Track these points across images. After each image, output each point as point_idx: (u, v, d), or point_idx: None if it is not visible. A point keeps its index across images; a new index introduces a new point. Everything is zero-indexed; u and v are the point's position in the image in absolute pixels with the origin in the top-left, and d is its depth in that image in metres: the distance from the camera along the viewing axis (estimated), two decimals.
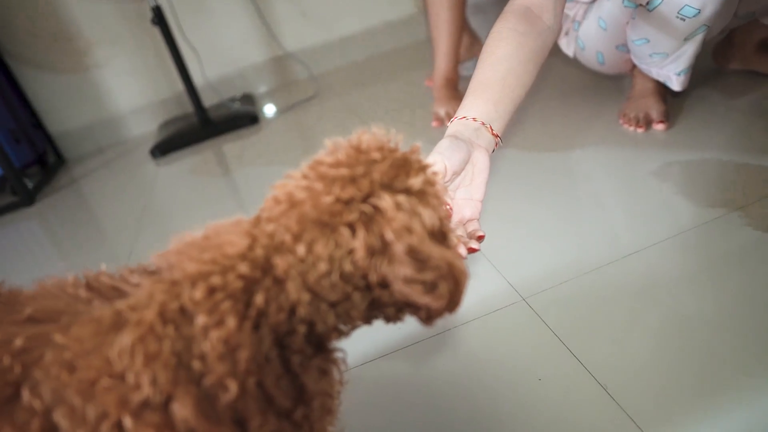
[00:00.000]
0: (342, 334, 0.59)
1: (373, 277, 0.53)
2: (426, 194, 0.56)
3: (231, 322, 0.48)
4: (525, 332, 1.02)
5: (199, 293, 0.49)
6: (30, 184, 2.44)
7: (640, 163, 1.41)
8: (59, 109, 2.82)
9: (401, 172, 0.55)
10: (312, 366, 0.55)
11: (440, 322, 1.08)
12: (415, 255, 0.52)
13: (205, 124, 2.57)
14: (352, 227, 0.52)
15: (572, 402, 0.87)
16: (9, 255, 1.99)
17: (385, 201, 0.52)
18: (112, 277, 0.59)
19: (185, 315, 0.49)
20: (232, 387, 0.48)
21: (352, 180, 0.53)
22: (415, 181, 0.55)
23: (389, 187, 0.54)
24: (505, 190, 1.49)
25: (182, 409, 0.46)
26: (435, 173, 0.59)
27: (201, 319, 0.48)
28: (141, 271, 0.58)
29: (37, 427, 0.47)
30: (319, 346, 0.57)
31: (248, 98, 2.83)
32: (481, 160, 0.84)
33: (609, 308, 1.02)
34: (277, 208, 0.55)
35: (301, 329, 0.52)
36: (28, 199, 2.36)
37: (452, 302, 0.56)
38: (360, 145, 0.57)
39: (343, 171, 0.54)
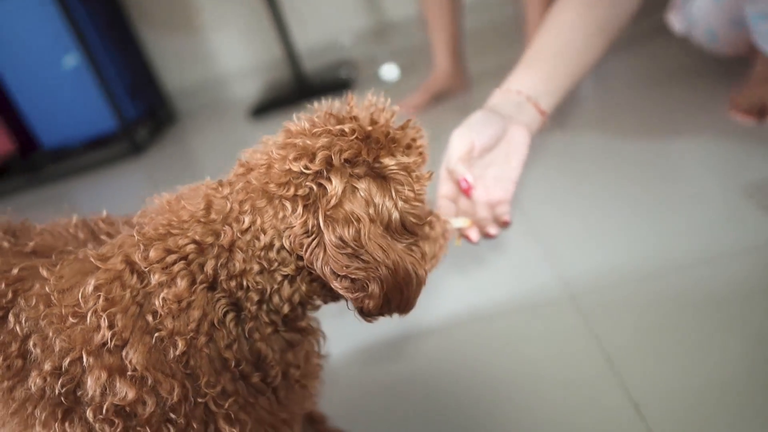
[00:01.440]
0: (312, 308, 0.57)
1: (308, 259, 0.50)
2: (394, 180, 0.51)
3: (182, 283, 0.49)
4: (564, 330, 0.94)
5: (154, 254, 0.50)
6: (140, 137, 2.64)
7: (744, 160, 1.23)
8: (172, 66, 3.01)
9: (372, 150, 0.51)
10: (274, 336, 0.54)
11: (476, 310, 1.03)
12: (347, 248, 0.48)
13: (302, 87, 2.63)
14: (295, 203, 0.50)
15: (596, 413, 0.79)
16: (116, 200, 2.18)
17: (333, 183, 0.48)
18: (110, 223, 0.61)
19: (144, 273, 0.50)
20: (180, 344, 0.48)
21: (310, 152, 0.50)
22: (387, 163, 0.50)
23: (351, 165, 0.50)
24: (575, 177, 1.37)
25: (134, 356, 0.48)
26: (422, 156, 0.54)
27: (155, 278, 0.49)
28: (131, 224, 0.60)
29: (15, 350, 0.50)
30: (286, 319, 0.55)
31: (346, 64, 2.85)
32: (518, 138, 0.75)
33: (663, 321, 0.90)
34: (237, 171, 0.53)
35: (254, 297, 0.51)
36: (137, 150, 2.56)
37: (391, 305, 0.52)
38: (339, 113, 0.54)
39: (305, 141, 0.50)
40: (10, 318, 0.51)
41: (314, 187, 0.49)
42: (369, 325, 0.57)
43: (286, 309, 0.53)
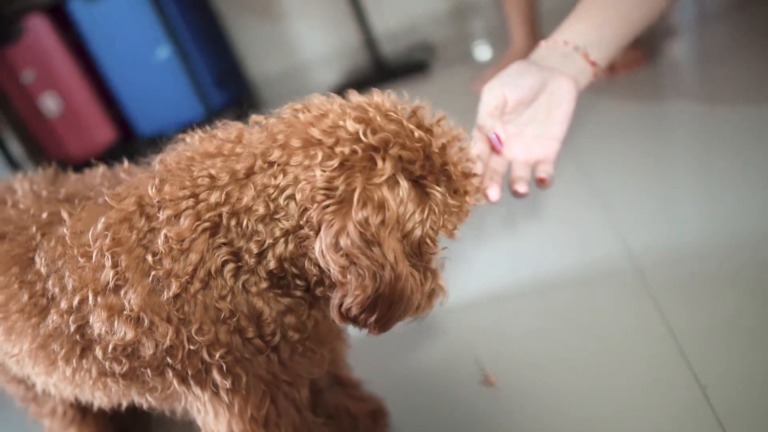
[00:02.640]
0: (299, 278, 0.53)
1: (315, 219, 0.46)
2: (432, 200, 0.48)
3: (185, 222, 0.49)
4: (629, 305, 0.87)
5: (168, 188, 0.50)
6: None
7: None
8: (256, 55, 3.11)
9: (426, 169, 0.49)
10: (271, 295, 0.53)
11: (536, 280, 0.96)
12: (366, 232, 0.44)
13: (381, 70, 2.64)
14: (331, 156, 0.47)
15: (660, 393, 0.72)
16: None
17: (384, 164, 0.46)
18: (131, 172, 0.63)
19: (154, 211, 0.51)
20: (174, 286, 0.49)
21: (374, 126, 0.47)
22: (432, 185, 0.48)
23: (402, 164, 0.48)
24: (655, 142, 1.25)
25: (133, 296, 0.49)
26: (461, 209, 0.52)
27: (163, 214, 0.50)
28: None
29: (40, 289, 0.53)
30: (276, 279, 0.53)
31: (423, 47, 2.81)
32: (562, 91, 0.68)
33: (738, 300, 0.80)
34: (289, 109, 0.53)
35: (253, 249, 0.50)
36: None
37: (373, 313, 0.47)
38: (422, 117, 0.51)
39: (377, 115, 0.48)
40: (36, 259, 0.53)
41: (360, 154, 0.46)
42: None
43: (272, 265, 0.51)
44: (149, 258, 0.49)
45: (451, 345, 0.93)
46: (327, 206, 0.46)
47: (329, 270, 0.47)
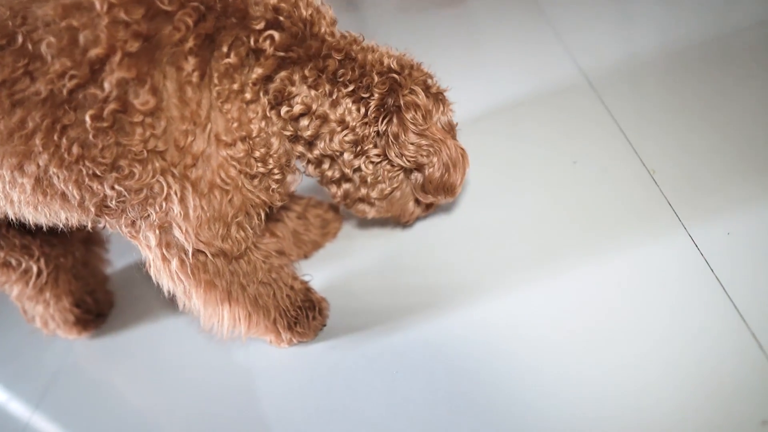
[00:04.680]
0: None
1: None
2: (440, 98, 0.67)
3: (268, 60, 0.58)
4: (586, 113, 0.92)
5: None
6: None
7: None
8: None
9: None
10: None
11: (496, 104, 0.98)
12: (417, 127, 0.63)
13: None
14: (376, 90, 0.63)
15: (611, 181, 0.79)
16: None
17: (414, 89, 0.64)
18: None
19: None
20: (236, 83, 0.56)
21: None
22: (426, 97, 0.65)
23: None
24: None
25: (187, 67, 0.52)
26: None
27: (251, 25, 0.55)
28: None
29: (22, 65, 0.51)
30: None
31: None
32: None
33: (683, 104, 0.86)
34: None
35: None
36: None
37: (444, 179, 0.67)
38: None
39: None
40: (19, 38, 0.51)
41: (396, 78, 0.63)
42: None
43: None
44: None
45: None
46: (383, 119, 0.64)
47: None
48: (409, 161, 0.64)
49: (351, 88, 0.61)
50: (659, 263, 0.67)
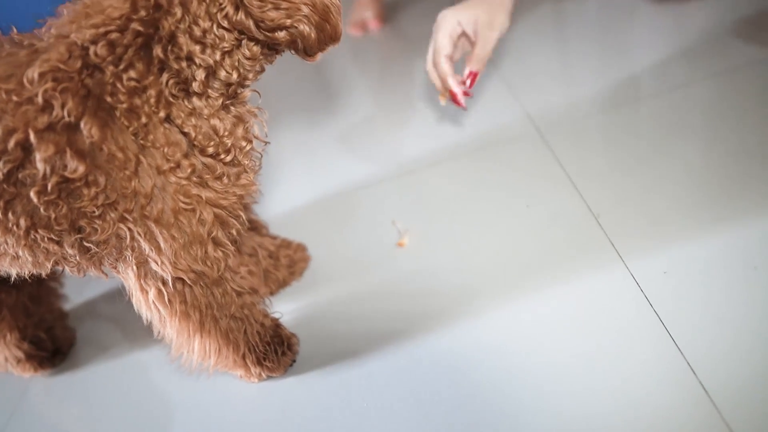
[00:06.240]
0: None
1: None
2: None
3: (139, 65, 0.55)
4: (532, 158, 1.00)
5: (101, 50, 0.53)
6: None
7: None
8: None
9: None
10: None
11: (454, 143, 1.05)
12: (266, 4, 0.56)
13: None
14: None
15: (560, 225, 0.86)
16: None
17: None
18: (27, 36, 0.60)
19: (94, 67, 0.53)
20: (143, 117, 0.55)
21: None
22: None
23: None
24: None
25: (92, 130, 0.52)
26: None
27: (110, 69, 0.54)
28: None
29: None
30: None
31: None
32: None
33: (623, 149, 0.96)
34: None
35: (200, 75, 0.57)
36: None
37: (325, 36, 0.60)
38: None
39: None
40: None
41: None
42: None
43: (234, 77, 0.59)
44: (107, 99, 0.53)
45: (370, 215, 1.02)
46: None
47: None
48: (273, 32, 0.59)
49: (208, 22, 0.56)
50: (604, 301, 0.73)
